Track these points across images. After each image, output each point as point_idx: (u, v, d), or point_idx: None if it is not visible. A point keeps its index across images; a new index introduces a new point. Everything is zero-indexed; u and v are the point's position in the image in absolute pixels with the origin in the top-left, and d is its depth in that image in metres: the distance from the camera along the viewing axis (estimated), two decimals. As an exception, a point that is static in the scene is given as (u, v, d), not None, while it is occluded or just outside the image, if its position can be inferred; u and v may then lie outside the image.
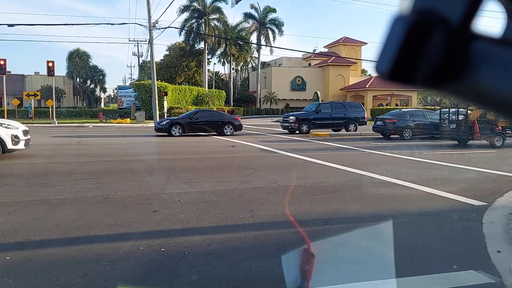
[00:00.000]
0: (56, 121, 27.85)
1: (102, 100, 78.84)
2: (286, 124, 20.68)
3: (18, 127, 10.19)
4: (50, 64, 27.21)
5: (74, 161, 9.92)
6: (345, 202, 5.86)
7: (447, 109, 16.17)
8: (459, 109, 15.02)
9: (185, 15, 43.36)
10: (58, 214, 5.15)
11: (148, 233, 4.41)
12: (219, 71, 64.51)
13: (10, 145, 9.79)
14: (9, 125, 10.10)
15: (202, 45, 46.51)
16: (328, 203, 5.81)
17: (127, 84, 61.86)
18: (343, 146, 14.08)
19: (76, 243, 4.10)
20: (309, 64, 55.30)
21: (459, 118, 14.92)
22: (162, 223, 4.78)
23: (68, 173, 8.15)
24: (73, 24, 35.65)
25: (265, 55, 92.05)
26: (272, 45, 49.17)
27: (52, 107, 28.92)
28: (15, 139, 9.89)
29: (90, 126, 26.15)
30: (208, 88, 46.01)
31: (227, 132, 18.72)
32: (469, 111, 14.28)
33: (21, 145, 10.10)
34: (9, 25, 26.50)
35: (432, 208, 5.65)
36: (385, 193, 6.53)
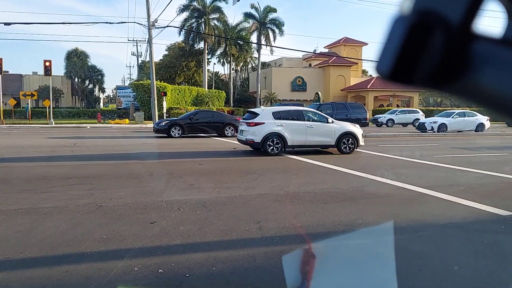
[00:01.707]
0: (53, 122, 27.35)
1: (101, 100, 78.33)
2: None
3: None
4: (47, 64, 26.69)
5: (68, 164, 9.42)
6: (360, 212, 5.38)
7: None
8: None
9: (185, 14, 42.89)
10: (46, 225, 4.66)
11: (144, 250, 3.92)
12: (218, 71, 64.11)
13: (361, 142, 12.09)
14: (356, 125, 12.53)
15: (201, 45, 46.01)
16: (342, 212, 5.33)
17: (126, 84, 61.34)
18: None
19: (63, 262, 3.61)
20: (310, 65, 54.81)
21: None
22: (160, 237, 4.30)
23: (61, 177, 7.66)
24: (70, 23, 35.15)
25: (265, 55, 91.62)
26: (273, 45, 48.65)
27: (49, 108, 28.39)
28: (362, 137, 12.18)
29: (88, 127, 25.63)
30: (207, 88, 45.52)
31: (228, 133, 18.23)
32: None
33: (363, 142, 12.28)
34: (6, 24, 26.06)
35: (455, 218, 5.17)
36: (401, 201, 6.05)
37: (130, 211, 5.30)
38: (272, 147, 11.24)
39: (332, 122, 11.87)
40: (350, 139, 11.85)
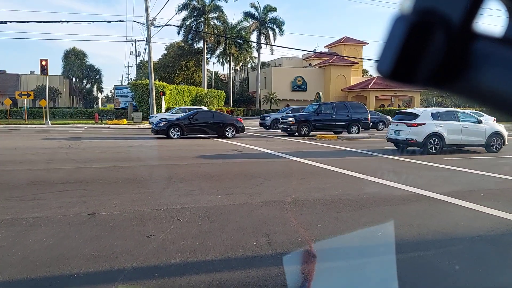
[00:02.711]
0: (49, 122, 26.80)
1: (100, 100, 77.80)
2: (285, 126, 19.57)
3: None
4: (44, 63, 26.16)
5: (61, 168, 8.92)
6: (378, 223, 4.90)
7: None
8: None
9: (184, 13, 42.42)
10: (30, 239, 4.18)
11: (139, 271, 3.44)
12: (218, 71, 63.55)
13: (506, 141, 12.64)
14: (502, 125, 12.95)
15: (201, 44, 45.54)
16: (358, 223, 4.86)
17: (125, 84, 60.75)
18: (355, 150, 13.13)
19: (45, 286, 3.13)
20: (310, 64, 54.36)
21: None
22: (158, 253, 3.81)
23: (52, 182, 7.16)
24: (68, 21, 34.63)
25: (265, 54, 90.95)
26: (273, 44, 48.18)
27: (45, 108, 27.84)
28: (507, 137, 12.63)
29: (85, 128, 25.13)
30: (207, 88, 45.01)
31: (228, 134, 17.73)
32: None
33: (507, 141, 12.81)
34: (1, 22, 25.53)
35: (484, 230, 4.70)
36: (421, 210, 5.58)
37: (125, 222, 4.82)
38: (432, 146, 12.04)
39: (483, 122, 12.56)
40: (499, 139, 12.60)
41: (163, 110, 26.46)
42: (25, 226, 4.65)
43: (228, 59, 50.06)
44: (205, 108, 25.55)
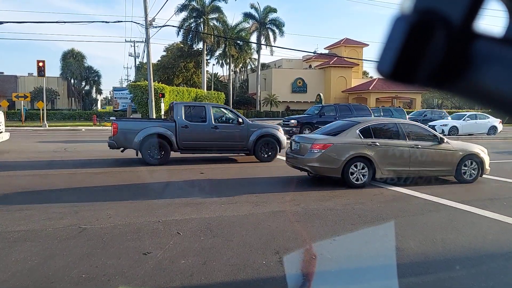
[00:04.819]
0: (47, 124, 26.34)
1: (99, 102, 77.34)
2: (287, 129, 19.08)
3: None
4: (41, 64, 25.67)
5: (53, 174, 8.46)
6: (397, 236, 4.46)
7: None
8: None
9: (184, 14, 41.96)
10: (13, 258, 3.73)
11: (133, 297, 3.00)
12: (217, 73, 63.03)
13: None
14: None
15: (200, 45, 45.08)
16: (375, 237, 4.46)
17: (124, 85, 60.28)
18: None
19: (22, 319, 2.69)
20: (310, 66, 53.97)
21: None
22: (155, 275, 3.37)
23: (43, 190, 6.71)
24: (65, 22, 34.34)
25: (265, 56, 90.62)
26: (273, 45, 47.75)
27: (43, 109, 27.37)
28: None
29: (83, 130, 24.70)
30: (206, 90, 44.58)
31: (229, 136, 17.26)
32: None
33: None
34: (-2, 23, 25.10)
35: (515, 245, 4.27)
36: (441, 221, 5.14)
37: (120, 236, 4.38)
38: None
39: None
40: None
41: (162, 112, 26.00)
42: (9, 241, 4.21)
43: (228, 60, 49.58)
44: None
